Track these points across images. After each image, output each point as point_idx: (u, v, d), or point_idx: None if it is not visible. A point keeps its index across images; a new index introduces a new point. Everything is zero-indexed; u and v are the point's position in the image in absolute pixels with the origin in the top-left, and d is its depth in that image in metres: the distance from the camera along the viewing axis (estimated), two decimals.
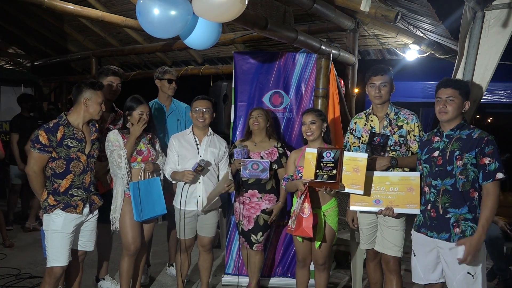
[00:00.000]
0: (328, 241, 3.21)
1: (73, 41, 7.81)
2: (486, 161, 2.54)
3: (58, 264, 2.92)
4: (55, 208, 2.90)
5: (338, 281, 4.22)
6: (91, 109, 2.97)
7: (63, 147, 2.89)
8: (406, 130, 3.06)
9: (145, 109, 3.29)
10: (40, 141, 2.84)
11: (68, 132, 2.91)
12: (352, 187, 2.89)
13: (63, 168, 2.91)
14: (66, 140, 2.90)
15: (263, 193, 3.58)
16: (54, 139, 2.86)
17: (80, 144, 2.96)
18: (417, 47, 5.08)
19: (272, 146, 3.64)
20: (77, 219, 2.97)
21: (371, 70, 3.11)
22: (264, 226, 3.58)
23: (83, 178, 2.98)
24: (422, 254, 2.77)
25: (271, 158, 3.59)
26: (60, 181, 2.92)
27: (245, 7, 2.75)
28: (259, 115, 3.62)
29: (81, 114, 2.98)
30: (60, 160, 2.90)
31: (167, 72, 4.02)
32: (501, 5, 3.10)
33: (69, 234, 2.94)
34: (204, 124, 3.43)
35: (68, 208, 2.92)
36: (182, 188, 3.35)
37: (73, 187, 2.95)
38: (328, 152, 2.98)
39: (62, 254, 2.92)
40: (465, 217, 2.59)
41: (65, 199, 2.92)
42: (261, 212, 3.57)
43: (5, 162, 5.87)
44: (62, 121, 2.94)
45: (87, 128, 3.05)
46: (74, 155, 2.93)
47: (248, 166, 3.48)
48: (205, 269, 3.57)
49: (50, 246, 2.92)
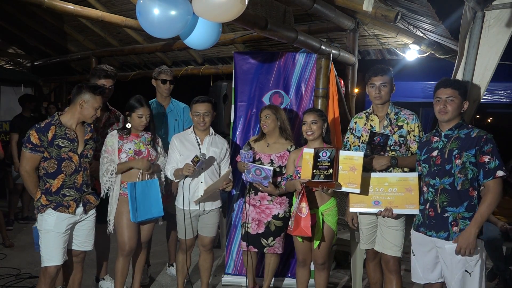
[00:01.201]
0: (327, 241, 3.21)
1: (73, 41, 7.81)
2: (486, 159, 2.54)
3: (52, 263, 2.90)
4: (47, 208, 2.89)
5: (338, 281, 4.22)
6: (86, 112, 2.95)
7: (54, 147, 2.87)
8: (406, 130, 3.06)
9: (144, 111, 3.29)
10: (32, 141, 2.83)
11: (59, 132, 2.89)
12: (348, 186, 2.89)
13: (54, 168, 2.90)
14: (57, 140, 2.88)
15: (274, 196, 3.51)
16: (45, 139, 2.85)
17: (72, 144, 2.93)
18: (417, 47, 5.08)
19: (285, 149, 3.53)
20: (69, 218, 2.94)
21: (371, 71, 3.10)
22: (276, 231, 3.52)
23: (74, 178, 2.95)
24: (421, 253, 2.77)
25: (282, 162, 3.50)
26: (52, 181, 2.91)
27: (245, 7, 2.75)
28: (266, 116, 3.50)
29: (75, 115, 2.96)
30: (52, 160, 2.89)
31: (163, 72, 4.01)
32: (501, 5, 3.10)
33: (62, 233, 2.91)
34: (205, 127, 3.44)
35: (60, 208, 2.90)
36: (183, 187, 3.35)
37: (65, 187, 2.92)
38: (324, 151, 2.97)
39: (56, 253, 2.90)
40: (463, 215, 2.59)
41: (57, 199, 2.90)
42: (273, 218, 3.52)
43: (6, 162, 5.88)
44: (54, 120, 2.92)
45: (81, 128, 3.02)
46: (66, 155, 2.91)
47: (252, 171, 3.38)
48: (206, 269, 3.57)
49: (44, 246, 2.91)
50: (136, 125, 3.32)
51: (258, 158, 3.53)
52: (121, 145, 3.29)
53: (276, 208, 3.52)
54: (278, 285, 4.00)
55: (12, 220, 5.71)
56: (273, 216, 3.52)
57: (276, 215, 3.51)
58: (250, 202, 3.57)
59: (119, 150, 3.27)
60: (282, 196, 3.51)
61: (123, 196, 3.28)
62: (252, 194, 3.56)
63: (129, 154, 3.27)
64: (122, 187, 3.29)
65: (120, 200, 3.29)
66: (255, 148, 3.59)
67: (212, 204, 3.44)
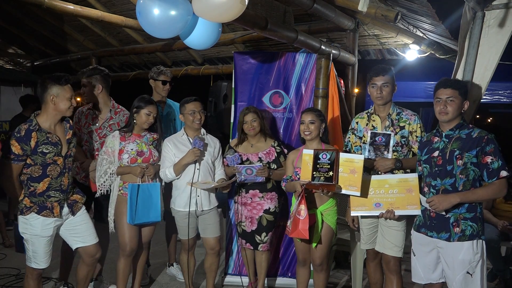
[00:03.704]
0: (326, 241, 3.20)
1: (73, 41, 7.81)
2: (489, 160, 2.53)
3: (38, 267, 2.88)
4: (30, 212, 2.80)
5: (338, 281, 4.22)
6: (60, 106, 2.79)
7: (38, 155, 2.76)
8: (408, 130, 3.05)
9: (153, 110, 3.30)
10: (14, 151, 2.72)
11: (41, 138, 2.76)
12: (349, 189, 2.89)
13: (39, 173, 2.81)
14: (41, 147, 2.75)
15: (265, 192, 3.57)
16: (28, 148, 2.73)
17: (56, 148, 2.82)
18: (417, 47, 5.08)
19: (269, 146, 3.62)
20: (55, 221, 2.88)
21: (373, 71, 3.09)
22: (267, 226, 3.57)
23: (60, 181, 2.88)
24: (422, 254, 2.77)
25: (269, 158, 3.58)
26: (37, 185, 2.82)
27: (245, 7, 2.74)
28: (253, 119, 3.55)
29: (51, 114, 2.82)
30: (36, 166, 2.79)
31: (162, 73, 4.02)
32: (501, 5, 3.10)
33: (48, 237, 2.86)
34: (200, 125, 3.46)
35: (44, 212, 2.82)
36: (178, 187, 3.37)
37: (51, 189, 2.85)
38: (324, 153, 2.97)
39: (43, 257, 2.86)
40: (465, 216, 2.59)
41: (41, 199, 2.82)
42: (264, 212, 3.56)
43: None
44: (32, 126, 2.75)
45: (60, 128, 2.89)
46: (51, 160, 2.81)
47: (243, 172, 3.45)
48: (213, 270, 3.56)
49: (30, 249, 2.85)
50: (142, 122, 3.29)
51: (246, 158, 3.57)
52: (123, 146, 3.27)
53: (267, 203, 3.57)
54: (278, 285, 4.00)
55: (12, 220, 5.70)
56: (264, 211, 3.56)
57: (267, 209, 3.56)
58: (241, 201, 3.60)
59: (121, 150, 3.26)
60: (272, 192, 3.57)
61: (123, 196, 3.27)
62: (243, 193, 3.60)
63: (131, 155, 3.26)
64: (123, 187, 3.29)
65: (120, 200, 3.29)
66: (240, 151, 3.63)
67: (209, 204, 3.44)
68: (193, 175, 3.32)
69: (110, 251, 3.87)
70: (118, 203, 3.30)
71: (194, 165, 3.35)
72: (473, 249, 2.57)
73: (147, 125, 3.31)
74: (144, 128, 3.33)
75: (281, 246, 4.03)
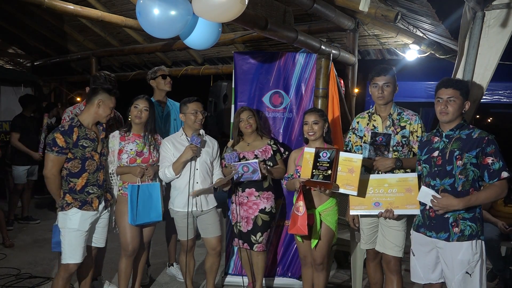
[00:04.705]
0: (325, 241, 3.20)
1: (73, 41, 7.82)
2: (489, 161, 2.53)
3: (74, 261, 3.01)
4: (72, 207, 2.99)
5: (338, 281, 4.22)
6: (102, 111, 3.08)
7: (79, 148, 3.00)
8: (409, 130, 3.05)
9: (141, 103, 3.33)
10: (58, 143, 2.93)
11: (81, 133, 3.01)
12: (346, 188, 2.89)
13: (78, 168, 3.01)
14: (81, 141, 3.00)
15: (261, 191, 3.56)
16: (70, 140, 2.96)
17: (93, 143, 3.06)
18: (417, 47, 5.08)
19: (265, 144, 3.63)
20: (92, 216, 3.05)
21: (374, 71, 3.09)
22: (263, 226, 3.56)
23: (97, 176, 3.08)
24: (421, 254, 2.77)
25: (265, 156, 3.58)
26: (76, 180, 3.01)
27: (245, 7, 2.75)
28: (249, 117, 3.59)
29: (92, 115, 3.08)
30: (76, 160, 3.00)
31: (159, 69, 4.05)
32: (501, 5, 3.10)
33: (85, 232, 3.03)
34: (201, 125, 3.47)
35: (85, 206, 3.01)
36: (177, 187, 3.37)
37: (89, 185, 3.04)
38: (324, 152, 2.98)
39: (78, 251, 3.01)
40: (464, 216, 2.59)
41: (82, 196, 3.01)
42: (260, 212, 3.56)
43: (6, 162, 5.88)
44: (74, 122, 3.03)
45: (95, 128, 3.15)
46: (89, 154, 3.04)
47: (239, 170, 3.44)
48: (213, 271, 3.56)
49: (66, 244, 3.00)
50: (132, 117, 3.33)
51: (243, 156, 3.58)
52: (123, 146, 3.29)
53: (263, 203, 3.56)
54: (278, 285, 4.00)
55: (12, 220, 5.71)
56: (260, 210, 3.55)
57: (263, 209, 3.55)
58: (238, 201, 3.60)
59: (120, 150, 3.27)
60: (268, 191, 3.57)
61: (123, 196, 3.28)
62: (239, 192, 3.60)
63: (130, 155, 3.27)
64: (123, 187, 3.30)
65: (120, 200, 3.30)
66: (237, 150, 3.63)
67: (208, 204, 3.44)
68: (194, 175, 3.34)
69: (110, 251, 3.86)
70: (118, 203, 3.31)
71: (194, 164, 3.36)
72: (472, 249, 2.57)
73: (137, 119, 3.32)
74: (136, 123, 3.34)
75: (281, 246, 4.03)
